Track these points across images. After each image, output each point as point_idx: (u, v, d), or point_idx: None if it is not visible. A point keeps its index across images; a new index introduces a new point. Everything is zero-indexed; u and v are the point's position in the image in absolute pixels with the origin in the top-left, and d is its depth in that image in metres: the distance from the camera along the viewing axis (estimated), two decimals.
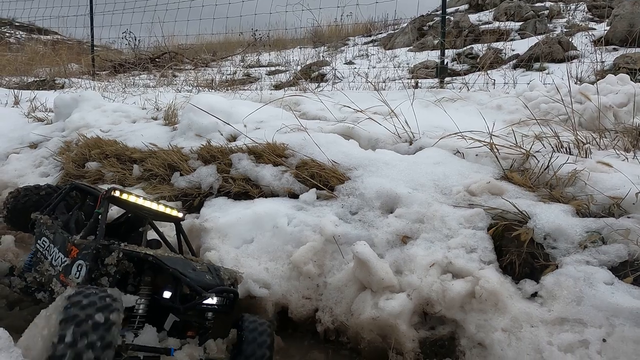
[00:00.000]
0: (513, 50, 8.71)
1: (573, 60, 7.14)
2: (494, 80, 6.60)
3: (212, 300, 1.82)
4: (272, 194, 3.07)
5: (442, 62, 7.38)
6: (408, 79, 8.08)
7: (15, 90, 8.17)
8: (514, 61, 8.28)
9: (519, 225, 2.27)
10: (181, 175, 3.49)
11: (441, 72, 7.26)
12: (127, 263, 1.84)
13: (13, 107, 7.31)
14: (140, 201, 2.14)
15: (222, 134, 3.94)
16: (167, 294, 1.82)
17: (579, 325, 1.80)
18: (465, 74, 7.90)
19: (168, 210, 2.28)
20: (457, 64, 9.07)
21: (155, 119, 5.27)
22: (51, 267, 2.00)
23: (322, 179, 2.99)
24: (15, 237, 3.20)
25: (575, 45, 7.93)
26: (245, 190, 3.15)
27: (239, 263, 2.48)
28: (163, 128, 4.70)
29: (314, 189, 2.93)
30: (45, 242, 2.11)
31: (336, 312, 2.29)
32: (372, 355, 2.15)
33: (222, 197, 3.17)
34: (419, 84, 7.24)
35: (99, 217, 2.02)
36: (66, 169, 4.23)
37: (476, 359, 1.93)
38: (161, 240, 2.43)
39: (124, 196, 2.07)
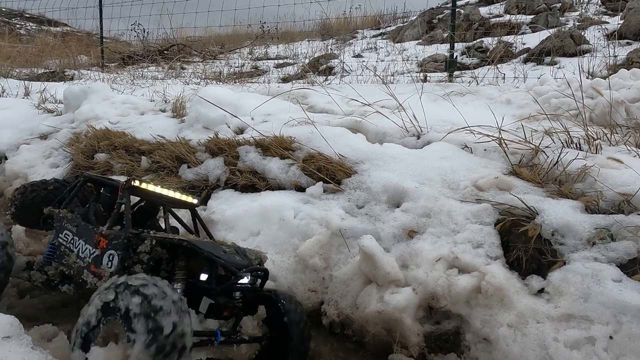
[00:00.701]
0: (524, 44, 8.59)
1: (585, 55, 7.02)
2: (504, 74, 6.52)
3: (245, 280, 1.86)
4: (279, 187, 3.08)
5: (452, 55, 7.31)
6: (417, 72, 8.02)
7: (26, 82, 8.25)
8: (525, 55, 8.17)
9: (527, 221, 2.25)
10: (189, 167, 3.50)
11: (450, 66, 7.19)
12: (160, 250, 1.88)
13: (24, 98, 7.38)
14: (159, 189, 2.19)
15: (229, 127, 3.95)
16: (203, 277, 1.85)
17: (586, 322, 1.79)
18: (474, 68, 7.81)
19: (184, 197, 2.33)
20: (467, 57, 8.98)
21: (164, 111, 5.29)
22: (79, 259, 2.03)
23: (328, 173, 2.99)
24: (26, 227, 3.24)
25: (587, 39, 7.80)
26: (252, 183, 3.16)
27: None
28: (171, 120, 4.71)
29: (321, 183, 2.93)
30: (69, 235, 2.13)
31: (342, 305, 2.30)
32: (376, 348, 2.16)
33: (229, 189, 3.19)
34: (428, 78, 7.19)
35: (122, 207, 2.05)
36: (75, 160, 4.27)
37: (481, 354, 1.93)
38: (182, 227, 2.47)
39: (144, 185, 2.11)
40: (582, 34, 7.99)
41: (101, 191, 2.43)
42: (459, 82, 6.39)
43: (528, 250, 2.12)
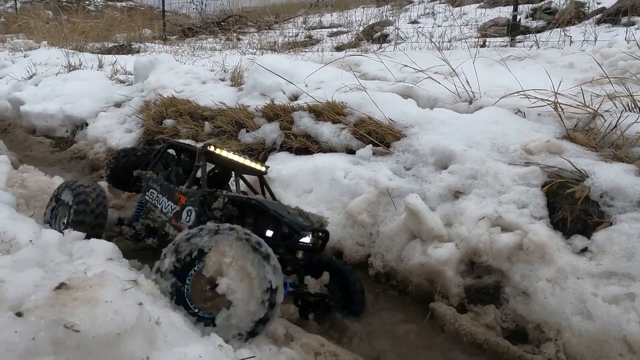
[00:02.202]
0: (598, 3, 7.92)
1: None
2: (570, 37, 6.13)
3: (307, 239, 2.03)
4: (331, 150, 3.25)
5: (515, 18, 6.94)
6: (475, 38, 7.71)
7: (99, 55, 8.93)
8: (599, 16, 7.56)
9: (575, 183, 2.26)
10: (247, 131, 3.76)
11: (512, 30, 6.84)
12: (232, 207, 2.08)
13: (98, 70, 8.03)
14: (231, 156, 2.38)
15: (284, 93, 4.14)
16: (269, 233, 2.02)
17: (627, 280, 1.83)
18: (539, 32, 7.37)
19: (253, 165, 2.49)
20: (532, 20, 8.45)
21: (223, 80, 5.59)
22: (162, 214, 2.26)
23: (378, 136, 3.10)
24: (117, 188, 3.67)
25: None
26: (306, 145, 3.36)
27: None
28: (230, 88, 4.99)
29: (370, 145, 3.06)
30: (154, 193, 2.37)
31: (387, 258, 2.46)
32: (418, 297, 2.32)
33: (284, 152, 3.41)
34: (487, 43, 6.91)
35: (199, 169, 2.25)
36: (146, 126, 4.68)
37: (519, 306, 2.03)
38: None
39: (218, 151, 2.31)
40: None
41: (181, 156, 2.68)
42: (521, 47, 6.10)
43: (574, 211, 2.15)
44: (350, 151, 3.16)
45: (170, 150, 2.77)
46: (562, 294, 1.90)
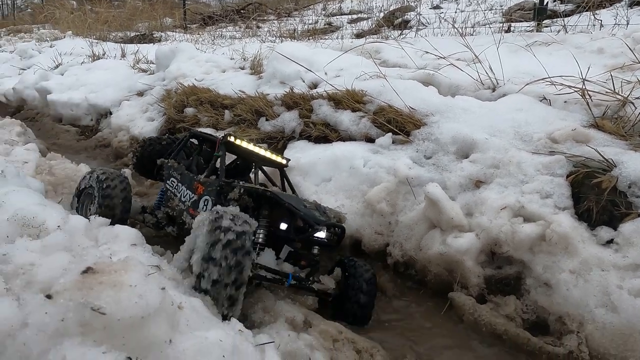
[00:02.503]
0: None
1: None
2: (601, 20, 5.89)
3: (322, 234, 1.99)
4: (350, 138, 3.24)
5: (542, 2, 6.70)
6: (500, 23, 7.49)
7: (122, 44, 9.06)
8: None
9: (602, 173, 2.20)
10: (266, 120, 3.77)
11: (539, 14, 6.60)
12: (247, 198, 2.07)
13: (121, 59, 8.16)
14: (251, 147, 2.37)
15: (304, 81, 4.13)
16: (283, 226, 2.03)
17: None
18: (567, 16, 7.10)
19: (274, 157, 2.47)
20: (560, 4, 8.14)
21: (243, 68, 5.61)
22: (181, 202, 2.30)
23: (398, 125, 3.07)
24: (133, 170, 3.75)
25: None
26: (325, 134, 3.35)
27: (317, 198, 2.72)
28: (250, 77, 5.01)
29: (390, 134, 3.03)
30: (174, 182, 2.40)
31: (406, 247, 2.45)
32: (437, 287, 2.31)
33: (303, 140, 3.41)
34: (512, 28, 6.70)
35: (218, 159, 2.27)
36: (168, 114, 4.75)
37: (540, 297, 2.00)
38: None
39: (238, 142, 2.30)
40: None
41: (203, 146, 2.70)
42: (548, 32, 5.90)
43: (600, 201, 2.09)
44: (370, 140, 3.14)
45: (194, 140, 2.79)
46: (586, 286, 1.86)
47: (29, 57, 10.13)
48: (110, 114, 5.64)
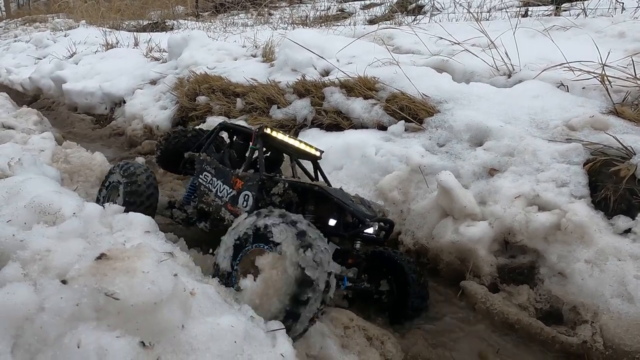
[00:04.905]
0: None
1: None
2: (622, 3, 5.70)
3: (371, 230, 1.87)
4: (362, 126, 3.21)
5: None
6: (517, 7, 7.30)
7: (135, 33, 9.10)
8: None
9: (621, 161, 2.14)
10: (278, 107, 3.76)
11: None
12: (292, 193, 1.95)
13: (134, 48, 8.19)
14: (287, 139, 2.25)
15: (315, 69, 4.09)
16: (332, 222, 1.90)
17: None
18: None
19: (307, 149, 2.34)
20: None
21: (254, 56, 5.58)
22: (217, 198, 2.17)
23: (411, 112, 3.03)
24: (146, 158, 3.80)
25: None
26: (337, 122, 3.33)
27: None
28: (261, 64, 4.98)
29: (403, 121, 3.00)
30: (208, 176, 2.26)
31: (418, 236, 2.44)
32: (449, 275, 2.29)
33: (315, 128, 3.39)
34: (529, 13, 6.53)
35: (255, 152, 2.15)
36: (181, 103, 4.77)
37: (554, 287, 1.98)
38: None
39: (274, 134, 2.18)
40: None
41: (234, 138, 2.57)
42: (567, 16, 5.74)
43: (618, 190, 2.04)
44: (382, 127, 3.11)
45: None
46: (602, 276, 1.83)
47: (44, 46, 10.25)
48: (124, 102, 5.69)
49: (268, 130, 2.17)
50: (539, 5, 6.91)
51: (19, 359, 1.03)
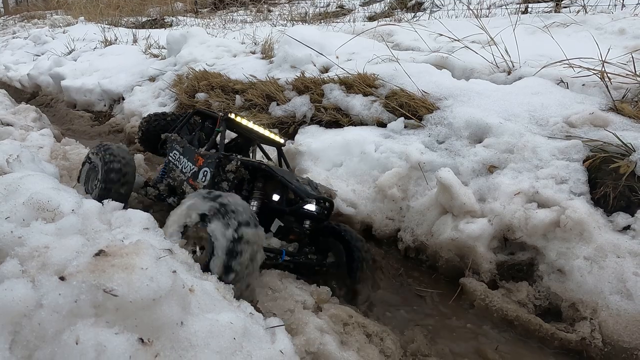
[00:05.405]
0: None
1: None
2: (623, 0, 5.68)
3: (311, 207, 2.08)
4: (361, 123, 3.20)
5: None
6: (517, 4, 7.28)
7: (134, 30, 9.07)
8: None
9: (621, 158, 2.14)
10: (277, 104, 3.75)
11: None
12: (244, 171, 2.16)
13: (133, 45, 8.17)
14: (251, 125, 2.43)
15: (315, 65, 4.08)
16: (275, 197, 2.13)
17: None
18: None
19: (272, 136, 2.54)
20: None
21: (254, 52, 5.57)
22: (181, 173, 2.38)
23: (410, 109, 3.03)
24: (145, 156, 3.79)
25: None
26: (336, 119, 3.32)
27: (329, 184, 2.71)
28: (261, 61, 4.97)
29: (402, 118, 2.99)
30: (176, 154, 2.48)
31: (417, 233, 2.44)
32: (448, 272, 2.29)
33: (314, 125, 3.39)
34: (529, 9, 6.51)
35: (219, 134, 2.35)
36: (179, 100, 4.76)
37: (553, 284, 1.98)
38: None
39: (238, 119, 2.38)
40: None
41: (205, 123, 2.76)
42: (567, 12, 5.72)
43: (617, 187, 2.04)
44: (382, 124, 3.10)
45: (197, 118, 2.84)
46: (601, 273, 1.83)
47: (42, 43, 10.22)
48: (123, 99, 5.67)
49: (232, 116, 2.36)
50: (539, 1, 6.89)
51: (17, 356, 1.03)
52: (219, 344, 1.21)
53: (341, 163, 2.86)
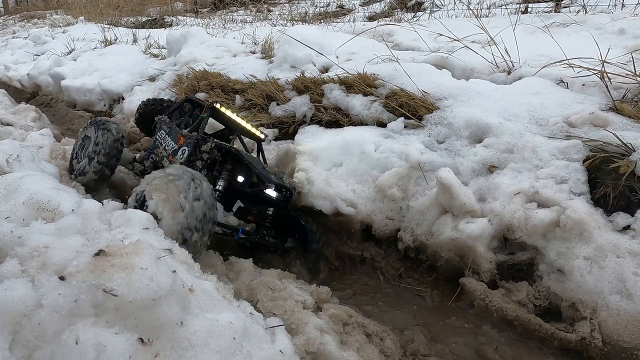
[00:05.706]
0: None
1: None
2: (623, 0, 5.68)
3: (272, 193, 2.32)
4: (361, 123, 3.20)
5: None
6: (517, 4, 7.28)
7: (133, 30, 9.07)
8: None
9: (620, 158, 2.14)
10: (277, 104, 3.75)
11: None
12: (217, 152, 2.41)
13: (132, 44, 8.16)
14: (234, 116, 2.65)
15: (315, 65, 4.08)
16: (240, 178, 2.38)
17: None
18: None
19: (253, 130, 2.75)
20: None
21: (254, 52, 5.56)
22: (164, 150, 2.60)
23: (410, 109, 3.03)
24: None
25: None
26: (336, 119, 3.32)
27: (328, 184, 2.71)
28: (260, 61, 4.96)
29: (402, 118, 2.99)
30: (162, 133, 2.69)
31: (417, 233, 2.44)
32: (448, 272, 2.29)
33: (314, 125, 3.38)
34: (529, 9, 6.51)
35: (202, 120, 2.56)
36: (179, 99, 4.75)
37: (553, 284, 1.98)
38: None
39: (223, 109, 2.60)
40: None
41: (195, 110, 2.95)
42: (567, 12, 5.72)
43: (617, 187, 2.04)
44: (381, 124, 3.10)
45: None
46: (601, 273, 1.83)
47: (42, 42, 10.22)
48: (123, 99, 5.66)
49: (218, 106, 2.59)
50: (539, 1, 6.89)
51: (17, 356, 1.03)
52: (219, 344, 1.21)
53: (341, 163, 2.86)
